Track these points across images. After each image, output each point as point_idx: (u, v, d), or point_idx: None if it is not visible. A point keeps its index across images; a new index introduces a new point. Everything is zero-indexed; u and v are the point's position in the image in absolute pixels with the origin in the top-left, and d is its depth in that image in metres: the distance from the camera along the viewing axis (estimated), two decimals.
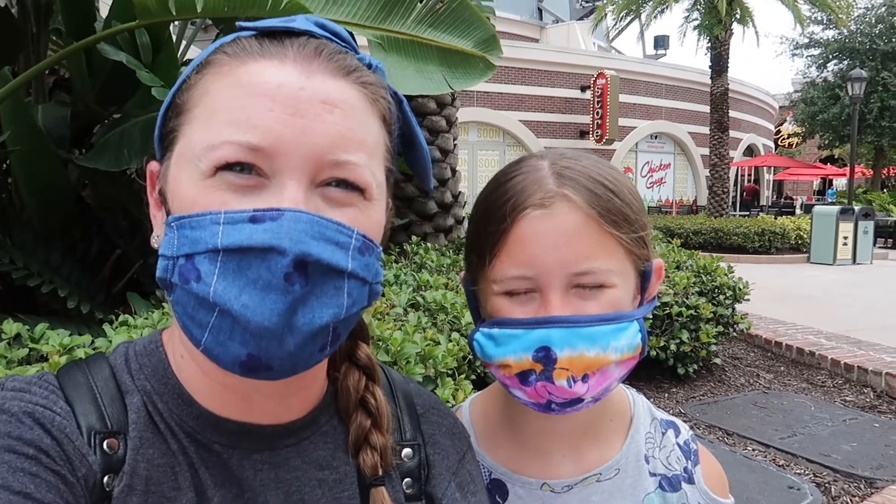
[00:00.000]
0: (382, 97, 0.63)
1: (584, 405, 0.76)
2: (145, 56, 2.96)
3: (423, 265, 4.46)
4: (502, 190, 0.78)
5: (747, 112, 27.60)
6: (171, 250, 0.56)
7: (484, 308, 0.82)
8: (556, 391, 0.74)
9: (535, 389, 0.74)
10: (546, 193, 0.75)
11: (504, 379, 0.78)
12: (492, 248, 0.76)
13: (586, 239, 0.74)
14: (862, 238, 13.57)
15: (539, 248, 0.74)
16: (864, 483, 3.33)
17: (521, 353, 0.74)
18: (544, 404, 0.76)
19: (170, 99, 0.62)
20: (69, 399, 0.59)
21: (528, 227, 0.74)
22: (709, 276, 5.04)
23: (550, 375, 0.73)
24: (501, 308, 0.77)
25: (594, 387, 0.74)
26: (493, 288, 0.78)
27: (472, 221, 0.83)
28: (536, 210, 0.74)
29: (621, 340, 0.74)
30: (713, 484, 0.90)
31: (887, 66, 22.58)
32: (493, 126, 20.37)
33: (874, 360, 5.13)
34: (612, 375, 0.76)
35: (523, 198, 0.75)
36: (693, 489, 0.88)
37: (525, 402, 0.78)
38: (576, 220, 0.74)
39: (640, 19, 21.97)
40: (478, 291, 0.83)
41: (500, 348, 0.76)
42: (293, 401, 0.66)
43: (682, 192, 25.67)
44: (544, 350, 0.73)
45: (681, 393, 4.58)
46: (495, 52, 2.77)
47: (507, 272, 0.75)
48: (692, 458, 0.90)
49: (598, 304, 0.75)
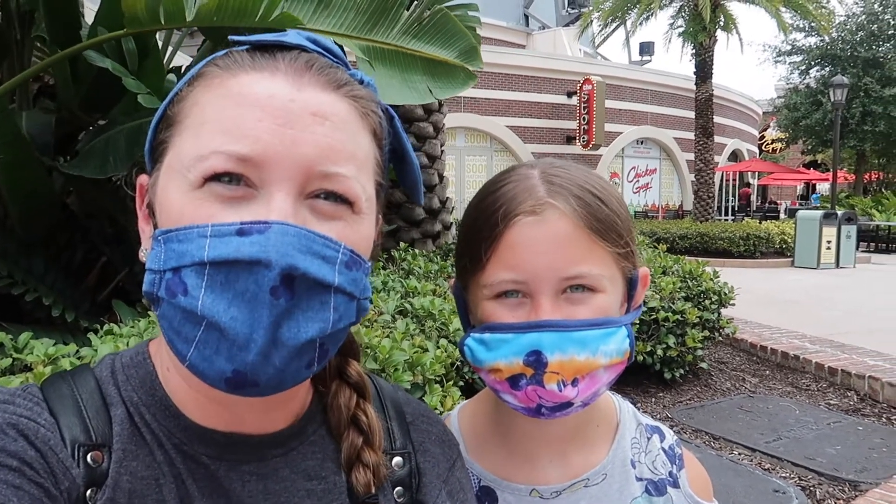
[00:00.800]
0: (373, 111, 0.63)
1: (574, 409, 0.77)
2: (131, 63, 2.94)
3: (410, 271, 4.47)
4: (493, 197, 0.79)
5: (732, 118, 27.87)
6: (158, 264, 0.56)
7: (474, 314, 0.83)
8: (547, 395, 0.74)
9: (526, 394, 0.75)
10: (537, 201, 0.76)
11: (494, 384, 0.78)
12: (483, 254, 0.78)
13: (576, 245, 0.75)
14: (845, 242, 13.73)
15: (530, 254, 0.75)
16: (848, 486, 3.36)
17: (512, 357, 0.75)
18: (534, 408, 0.77)
19: (161, 111, 0.62)
20: (53, 411, 0.58)
21: (519, 234, 0.76)
22: (694, 280, 5.08)
23: (541, 379, 0.74)
24: (492, 313, 0.78)
25: (584, 391, 0.75)
26: (483, 293, 0.79)
27: (462, 228, 0.84)
28: (528, 217, 0.76)
29: (610, 345, 0.76)
30: (698, 488, 0.92)
31: (868, 73, 22.90)
32: (481, 131, 20.42)
33: (857, 363, 5.19)
34: (601, 380, 0.77)
35: (514, 205, 0.77)
36: (678, 493, 0.89)
37: (515, 407, 0.79)
38: (566, 227, 0.75)
39: (626, 26, 22.19)
40: (468, 298, 0.84)
41: (492, 352, 0.77)
42: (279, 412, 0.66)
43: (668, 196, 25.86)
44: (535, 354, 0.73)
45: (668, 397, 4.61)
46: (476, 62, 2.82)
47: (498, 276, 0.76)
48: (677, 462, 0.92)
49: (587, 309, 0.76)
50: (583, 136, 21.45)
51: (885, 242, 17.83)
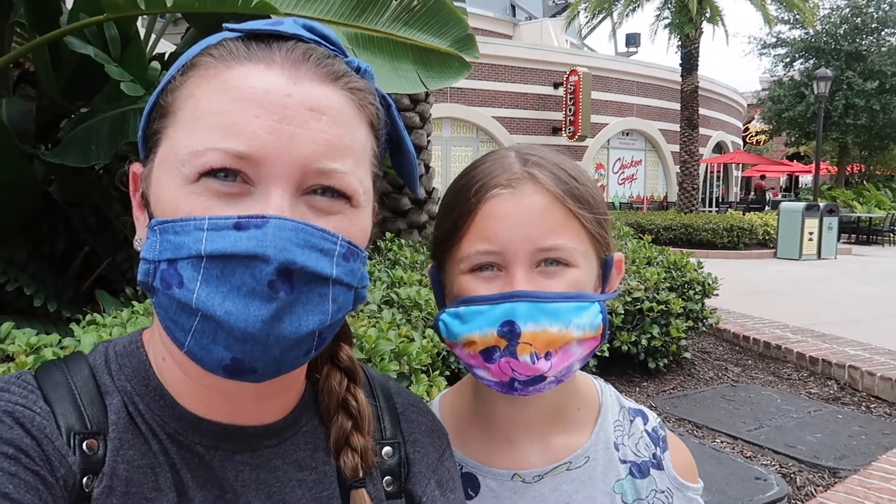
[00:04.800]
0: (371, 103, 0.63)
1: (547, 384, 0.78)
2: (114, 50, 2.90)
3: (396, 262, 4.46)
4: (470, 175, 0.81)
5: (716, 110, 28.03)
6: (153, 254, 0.55)
7: (450, 293, 0.84)
8: (520, 367, 0.75)
9: (499, 366, 0.76)
10: (513, 175, 0.78)
11: (468, 358, 0.79)
12: (459, 229, 0.79)
13: (551, 217, 0.77)
14: (827, 234, 13.90)
15: (505, 226, 0.76)
16: (827, 473, 3.42)
17: (487, 328, 0.75)
18: (507, 382, 0.77)
19: (154, 100, 0.61)
20: (48, 399, 0.58)
21: (494, 206, 0.77)
22: (679, 271, 5.12)
23: (514, 351, 0.74)
24: (468, 287, 0.79)
25: (557, 365, 0.75)
26: (459, 267, 0.79)
27: (441, 208, 0.85)
28: (504, 190, 0.77)
29: (583, 318, 0.76)
30: (682, 469, 0.92)
31: (851, 66, 23.09)
32: (467, 122, 20.39)
33: (838, 353, 5.27)
34: (574, 355, 0.77)
35: (490, 179, 0.78)
36: (662, 475, 0.90)
37: (488, 383, 0.80)
38: (541, 199, 0.77)
39: (613, 17, 22.21)
40: (444, 277, 0.85)
41: (466, 325, 0.77)
42: (274, 402, 0.66)
43: (653, 188, 26.00)
44: (509, 324, 0.74)
45: (651, 387, 4.65)
46: (471, 51, 2.77)
47: (474, 248, 0.77)
48: (661, 444, 0.92)
49: (561, 282, 0.77)
50: (569, 127, 21.49)
51: (865, 234, 18.07)
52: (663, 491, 0.89)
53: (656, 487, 0.89)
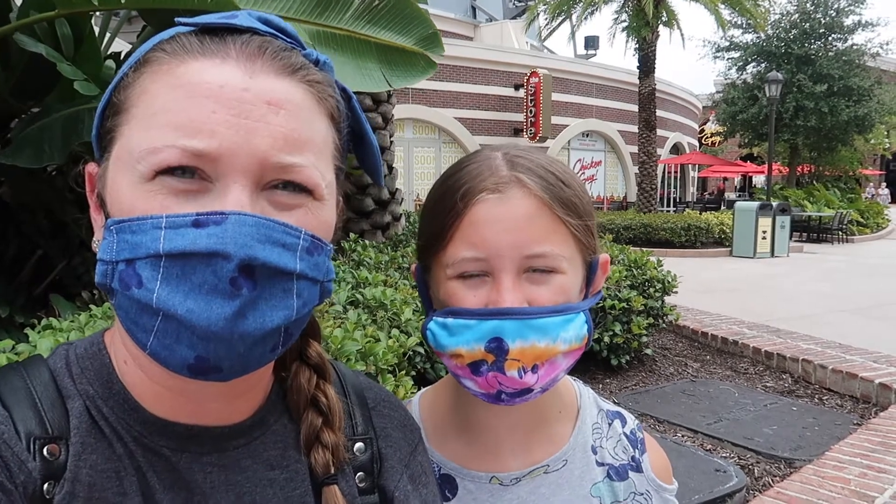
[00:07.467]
0: (330, 95, 0.62)
1: (533, 395, 0.78)
2: (66, 48, 2.82)
3: (361, 262, 4.44)
4: (456, 177, 0.79)
5: (673, 111, 28.61)
6: (111, 255, 0.54)
7: (436, 296, 0.83)
8: (507, 382, 0.75)
9: (487, 380, 0.75)
10: (500, 179, 0.76)
11: (456, 369, 0.78)
12: (446, 233, 0.77)
13: (539, 223, 0.75)
14: (779, 232, 14.30)
15: (492, 231, 0.75)
16: (784, 464, 3.52)
17: (474, 344, 0.75)
18: (494, 394, 0.77)
19: (107, 97, 0.60)
20: (6, 404, 0.56)
21: (481, 211, 0.75)
22: (639, 269, 5.21)
23: (502, 366, 0.74)
24: (454, 293, 0.77)
25: (543, 377, 0.76)
26: (446, 272, 0.78)
27: (425, 209, 0.84)
28: (491, 194, 0.76)
29: (570, 331, 0.76)
30: (659, 471, 0.93)
31: (801, 69, 23.80)
32: (429, 123, 20.39)
33: (791, 347, 5.43)
34: (560, 366, 0.77)
35: (477, 182, 0.77)
36: (640, 477, 0.90)
37: (475, 393, 0.79)
38: (529, 205, 0.75)
39: (571, 20, 22.45)
40: (429, 279, 0.84)
41: (453, 338, 0.76)
42: (241, 401, 0.65)
43: (613, 188, 26.40)
44: (497, 341, 0.74)
45: (614, 383, 4.73)
46: (437, 49, 2.75)
47: (460, 254, 0.76)
48: (639, 446, 0.93)
49: (548, 289, 0.76)
50: (530, 128, 21.67)
51: (816, 232, 18.63)
52: (642, 493, 0.90)
53: (635, 490, 0.89)
